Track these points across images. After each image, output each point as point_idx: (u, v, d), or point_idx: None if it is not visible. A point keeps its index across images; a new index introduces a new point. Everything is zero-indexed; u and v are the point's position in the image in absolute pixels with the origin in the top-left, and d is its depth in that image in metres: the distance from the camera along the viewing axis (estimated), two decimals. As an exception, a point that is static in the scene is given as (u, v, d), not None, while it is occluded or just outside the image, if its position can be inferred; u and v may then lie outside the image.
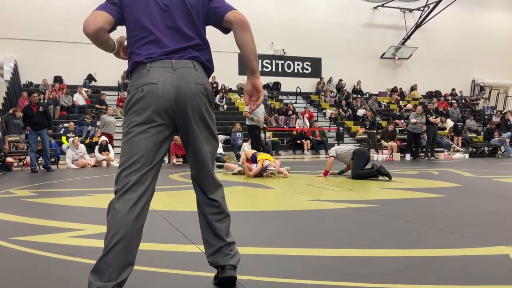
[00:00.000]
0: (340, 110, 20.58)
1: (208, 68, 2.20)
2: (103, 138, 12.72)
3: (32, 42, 18.59)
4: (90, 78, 19.37)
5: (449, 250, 2.87)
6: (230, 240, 2.22)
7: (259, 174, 8.24)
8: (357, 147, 8.56)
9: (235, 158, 10.91)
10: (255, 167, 8.35)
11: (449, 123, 19.50)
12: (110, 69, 19.19)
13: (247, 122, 10.71)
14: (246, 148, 13.26)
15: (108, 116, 13.45)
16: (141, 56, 2.08)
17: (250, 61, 2.18)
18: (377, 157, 14.42)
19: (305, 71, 23.37)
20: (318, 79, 23.12)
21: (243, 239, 3.11)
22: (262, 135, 15.66)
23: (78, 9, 19.20)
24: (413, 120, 13.98)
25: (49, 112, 10.90)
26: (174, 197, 5.75)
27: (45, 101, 15.29)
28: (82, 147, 12.18)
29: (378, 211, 4.39)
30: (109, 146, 12.58)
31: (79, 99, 17.44)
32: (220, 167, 10.06)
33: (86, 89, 18.39)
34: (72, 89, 18.10)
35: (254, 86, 2.22)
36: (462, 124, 19.70)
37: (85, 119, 15.57)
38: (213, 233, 2.20)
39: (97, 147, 12.55)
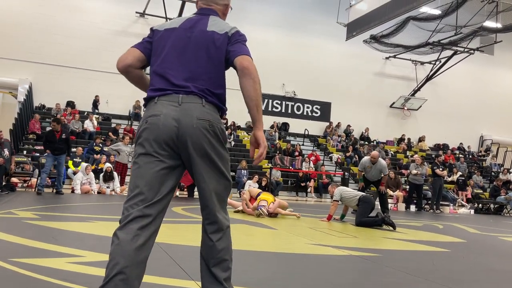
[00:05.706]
0: (350, 153, 20.45)
1: (219, 106, 2.17)
2: (108, 164, 12.63)
3: (48, 66, 18.92)
4: (95, 104, 19.35)
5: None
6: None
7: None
8: (363, 193, 8.52)
9: (239, 196, 10.89)
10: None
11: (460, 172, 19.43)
12: (123, 98, 19.44)
13: None
14: (249, 186, 13.23)
15: (124, 145, 13.33)
16: (152, 89, 2.15)
17: (250, 109, 2.08)
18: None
19: (314, 114, 23.55)
20: (327, 123, 23.27)
21: (234, 278, 3.06)
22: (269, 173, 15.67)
23: (95, 38, 19.71)
24: (414, 172, 13.87)
25: (70, 140, 11.10)
26: (175, 230, 5.70)
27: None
28: (91, 174, 12.22)
29: (381, 261, 4.33)
30: (115, 174, 12.44)
31: (90, 125, 17.58)
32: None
33: (97, 116, 18.53)
34: (84, 115, 18.29)
35: (255, 137, 2.13)
36: (468, 179, 19.58)
37: (94, 147, 15.54)
38: (209, 276, 2.16)
39: (101, 174, 12.47)
